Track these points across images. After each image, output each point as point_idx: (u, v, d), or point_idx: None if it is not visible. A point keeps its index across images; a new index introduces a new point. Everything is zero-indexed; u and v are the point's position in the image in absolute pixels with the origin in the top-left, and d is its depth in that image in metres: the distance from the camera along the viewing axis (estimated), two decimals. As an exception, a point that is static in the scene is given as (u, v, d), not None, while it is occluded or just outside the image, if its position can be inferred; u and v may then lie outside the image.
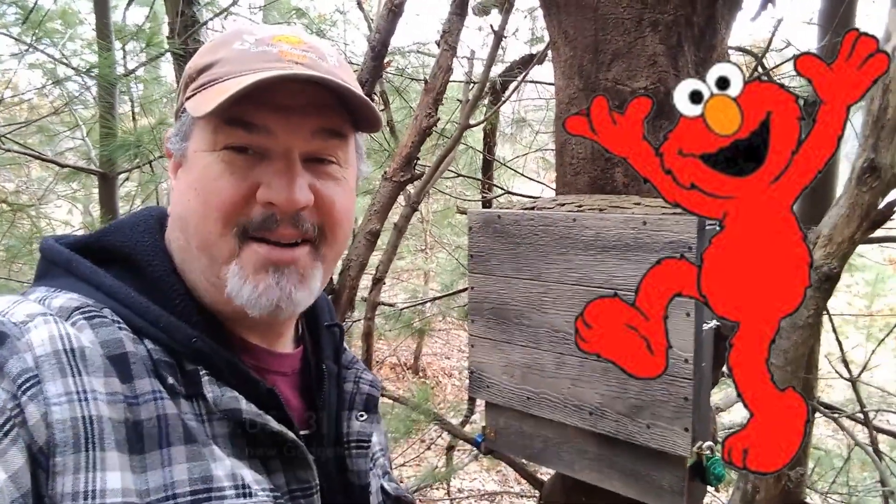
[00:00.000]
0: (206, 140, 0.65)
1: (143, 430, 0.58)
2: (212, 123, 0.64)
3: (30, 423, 0.54)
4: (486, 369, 1.51)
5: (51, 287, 0.65)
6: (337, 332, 0.82)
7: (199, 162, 0.66)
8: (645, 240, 1.22)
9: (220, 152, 0.64)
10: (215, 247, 0.65)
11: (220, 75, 0.65)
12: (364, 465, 0.75)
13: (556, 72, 1.58)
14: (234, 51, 0.66)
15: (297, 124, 0.65)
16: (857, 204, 0.97)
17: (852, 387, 2.49)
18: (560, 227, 1.34)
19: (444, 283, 5.53)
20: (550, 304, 1.37)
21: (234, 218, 0.64)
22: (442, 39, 1.72)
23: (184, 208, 0.67)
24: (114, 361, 0.59)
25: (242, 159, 0.64)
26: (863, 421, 2.58)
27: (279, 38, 0.67)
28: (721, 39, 1.48)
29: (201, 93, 0.65)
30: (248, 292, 0.64)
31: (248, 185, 0.64)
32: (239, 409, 0.63)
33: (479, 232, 1.49)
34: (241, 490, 0.61)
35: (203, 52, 0.69)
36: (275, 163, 0.64)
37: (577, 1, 1.45)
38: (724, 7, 1.44)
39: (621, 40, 1.40)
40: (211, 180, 0.64)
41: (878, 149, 0.93)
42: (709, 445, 1.27)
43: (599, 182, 1.47)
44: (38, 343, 0.57)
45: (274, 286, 0.65)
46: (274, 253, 0.65)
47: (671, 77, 1.39)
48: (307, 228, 0.66)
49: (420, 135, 1.63)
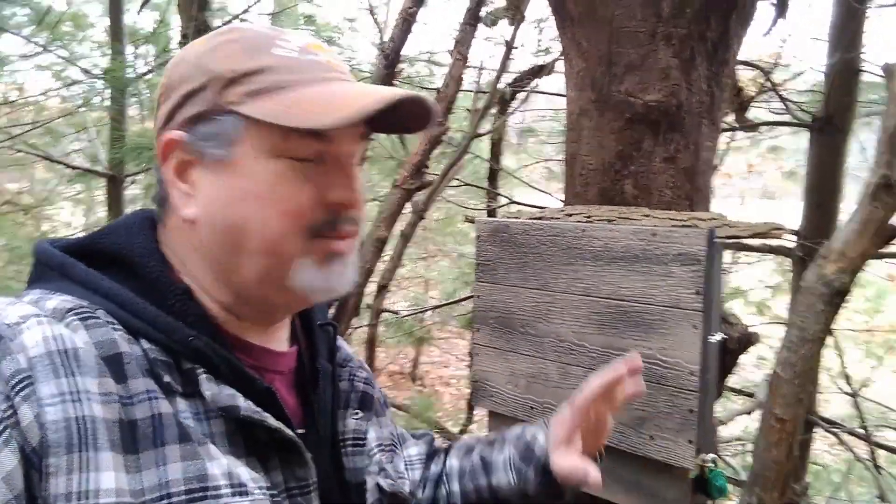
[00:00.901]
0: (272, 147, 0.65)
1: (138, 430, 0.58)
2: (279, 130, 0.64)
3: (23, 424, 0.54)
4: (489, 378, 1.51)
5: (45, 289, 0.65)
6: (331, 330, 0.83)
7: (259, 168, 0.65)
8: (654, 251, 1.22)
9: (285, 160, 0.65)
10: (287, 247, 0.66)
11: (286, 82, 0.65)
12: (360, 462, 0.76)
13: (568, 83, 1.59)
14: (281, 57, 0.66)
15: (355, 133, 0.69)
16: (871, 220, 0.97)
17: (853, 401, 2.49)
18: (568, 238, 1.35)
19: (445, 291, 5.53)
20: (557, 314, 1.38)
21: (305, 222, 0.66)
22: (455, 49, 1.74)
23: (238, 216, 0.66)
24: (108, 362, 0.59)
25: (309, 166, 0.67)
26: (863, 436, 2.57)
27: (314, 46, 0.70)
28: (733, 54, 1.49)
29: (271, 97, 0.64)
30: (319, 279, 0.68)
31: (318, 189, 0.67)
32: (236, 406, 0.63)
33: (487, 240, 1.50)
34: (238, 488, 0.61)
35: (236, 55, 0.66)
36: (334, 165, 0.68)
37: (591, 13, 1.46)
38: (737, 23, 1.45)
39: (634, 53, 1.41)
40: (279, 186, 0.65)
41: (893, 165, 0.94)
42: (712, 458, 1.27)
43: (609, 193, 1.48)
44: (32, 344, 0.57)
45: (341, 272, 0.69)
46: (339, 245, 0.69)
47: (683, 90, 1.40)
48: (359, 225, 0.71)
49: (430, 143, 1.64)
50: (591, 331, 1.32)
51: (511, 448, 0.95)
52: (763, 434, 1.10)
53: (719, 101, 1.51)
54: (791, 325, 1.06)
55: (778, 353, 1.08)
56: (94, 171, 2.88)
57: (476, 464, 0.97)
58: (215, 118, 0.66)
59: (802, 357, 1.02)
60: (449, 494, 0.97)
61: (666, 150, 1.44)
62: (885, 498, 2.30)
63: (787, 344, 1.05)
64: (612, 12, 1.43)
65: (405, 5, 1.77)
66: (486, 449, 0.98)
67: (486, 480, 0.95)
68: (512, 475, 0.93)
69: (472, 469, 0.97)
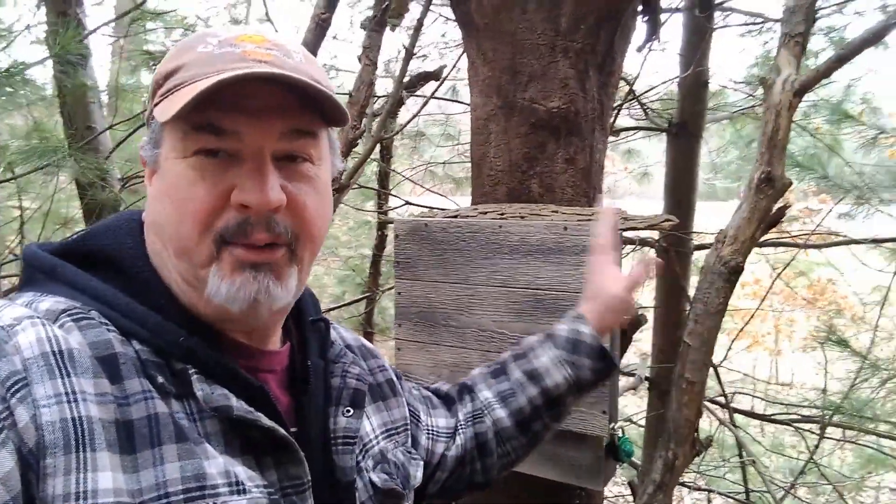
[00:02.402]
0: (177, 146, 0.65)
1: (134, 430, 0.58)
2: (181, 129, 0.64)
3: (19, 426, 0.53)
4: (413, 371, 1.58)
5: (36, 292, 0.64)
6: (322, 326, 0.82)
7: (171, 169, 0.65)
8: (566, 243, 1.35)
9: (191, 158, 0.64)
10: (194, 252, 0.65)
11: (185, 79, 0.64)
12: (349, 461, 0.75)
13: (474, 89, 1.69)
14: (198, 53, 0.65)
15: (267, 126, 0.65)
16: (756, 209, 1.16)
17: (715, 373, 2.83)
18: (486, 234, 1.45)
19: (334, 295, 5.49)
20: (477, 306, 1.48)
21: (211, 224, 0.64)
22: (363, 54, 1.79)
23: (159, 215, 0.67)
24: (103, 362, 0.59)
25: (214, 164, 0.64)
26: (723, 403, 2.93)
27: (243, 37, 0.67)
28: (618, 66, 1.67)
29: (167, 98, 0.65)
30: (226, 289, 0.65)
31: (221, 189, 0.64)
32: (229, 406, 0.63)
33: (406, 239, 1.56)
34: (235, 487, 0.61)
35: (169, 58, 0.68)
36: (246, 164, 0.64)
37: (495, 26, 1.58)
38: (620, 38, 1.63)
39: (537, 64, 1.55)
40: (184, 187, 0.64)
41: (773, 163, 1.13)
42: (620, 426, 1.43)
43: (517, 192, 1.60)
44: (26, 346, 0.56)
45: (251, 280, 0.65)
46: (251, 254, 0.65)
47: (580, 98, 1.55)
48: (280, 232, 0.66)
49: (346, 147, 1.67)
50: (510, 319, 1.43)
51: (552, 349, 1.01)
52: (675, 396, 1.26)
53: (608, 108, 1.69)
54: (695, 301, 1.23)
55: (686, 325, 1.25)
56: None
57: (519, 378, 1.01)
58: (151, 124, 0.69)
59: (707, 328, 1.19)
60: (496, 422, 0.99)
61: (566, 153, 1.58)
62: (746, 451, 2.65)
63: (694, 317, 1.22)
64: (516, 26, 1.56)
65: (317, 10, 1.79)
66: (522, 362, 1.02)
67: (538, 388, 0.99)
68: (567, 370, 0.99)
69: (515, 386, 1.00)
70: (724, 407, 2.94)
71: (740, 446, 2.59)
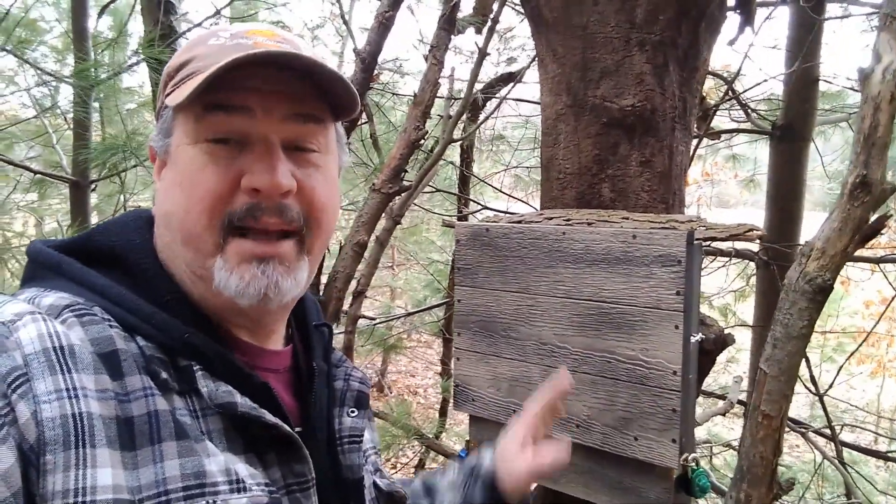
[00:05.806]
0: (188, 132, 0.66)
1: (135, 427, 0.58)
2: (192, 114, 0.65)
3: (20, 422, 0.53)
4: (471, 382, 1.51)
5: (40, 287, 0.64)
6: (326, 331, 0.83)
7: (182, 156, 0.66)
8: (634, 253, 1.24)
9: (202, 144, 0.65)
10: (200, 239, 0.65)
11: (197, 68, 0.65)
12: (357, 459, 0.76)
13: (543, 88, 1.60)
14: (209, 46, 0.67)
15: (275, 106, 0.66)
16: (850, 218, 1.00)
17: (820, 402, 2.56)
18: (549, 241, 1.35)
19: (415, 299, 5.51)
20: (538, 317, 1.38)
21: (220, 209, 0.65)
22: (430, 54, 1.74)
23: (168, 204, 0.67)
24: (104, 359, 0.59)
25: (225, 149, 0.65)
26: (829, 436, 2.64)
27: (254, 31, 0.69)
28: (703, 61, 1.53)
29: (179, 87, 0.66)
30: (235, 283, 0.65)
31: (232, 174, 0.65)
32: (234, 402, 0.63)
33: (467, 245, 1.50)
34: (236, 485, 0.61)
35: (180, 52, 0.70)
36: (256, 149, 0.65)
37: (566, 20, 1.48)
38: (706, 30, 1.49)
39: (609, 59, 1.44)
40: (194, 172, 0.65)
41: (870, 165, 0.97)
42: (694, 457, 1.29)
43: (586, 197, 1.49)
44: (27, 341, 0.57)
45: (260, 275, 0.65)
46: (258, 247, 0.66)
47: (657, 95, 1.43)
48: (292, 217, 0.67)
49: (408, 147, 1.63)
50: (573, 332, 1.33)
51: (454, 472, 1.00)
52: (750, 431, 1.12)
53: (691, 107, 1.55)
54: (775, 322, 1.08)
55: (763, 351, 1.10)
56: (57, 177, 2.79)
57: (417, 489, 1.00)
58: (162, 115, 0.70)
59: (788, 354, 1.04)
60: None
61: (641, 154, 1.46)
62: (852, 493, 2.37)
63: (772, 341, 1.07)
64: (587, 19, 1.46)
65: (381, 9, 1.77)
66: (428, 476, 1.02)
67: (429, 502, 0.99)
68: (457, 494, 0.97)
69: (412, 495, 0.99)
70: (830, 440, 2.65)
71: (847, 486, 2.31)
